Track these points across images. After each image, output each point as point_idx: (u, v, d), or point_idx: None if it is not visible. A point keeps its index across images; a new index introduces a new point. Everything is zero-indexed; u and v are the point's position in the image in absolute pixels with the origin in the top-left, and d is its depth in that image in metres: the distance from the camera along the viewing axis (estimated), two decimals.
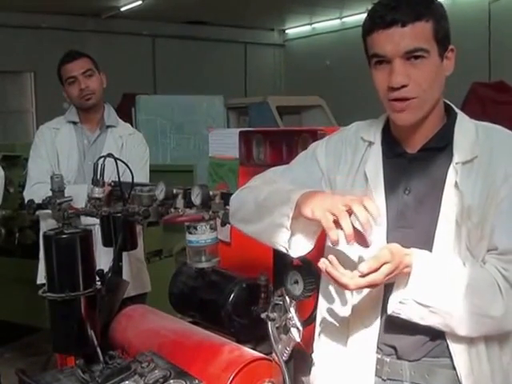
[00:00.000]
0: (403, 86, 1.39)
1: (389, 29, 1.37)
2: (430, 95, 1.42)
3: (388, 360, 1.47)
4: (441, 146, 1.47)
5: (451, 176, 1.43)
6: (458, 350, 1.42)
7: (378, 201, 1.47)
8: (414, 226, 1.46)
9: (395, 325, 1.45)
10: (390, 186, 1.49)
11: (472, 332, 1.39)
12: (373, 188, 1.49)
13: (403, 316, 1.39)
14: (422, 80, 1.39)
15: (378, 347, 1.48)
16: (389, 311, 1.40)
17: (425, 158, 1.48)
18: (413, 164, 1.49)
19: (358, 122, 1.66)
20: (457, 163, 1.43)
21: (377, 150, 1.54)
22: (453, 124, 1.49)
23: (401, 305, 1.37)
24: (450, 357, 1.42)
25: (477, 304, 1.36)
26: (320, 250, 1.54)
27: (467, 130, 1.47)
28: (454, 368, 1.42)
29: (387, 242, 1.44)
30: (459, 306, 1.36)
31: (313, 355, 1.65)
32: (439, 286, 1.37)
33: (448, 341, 1.42)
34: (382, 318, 1.47)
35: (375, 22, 1.40)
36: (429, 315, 1.37)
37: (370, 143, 1.56)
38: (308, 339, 1.66)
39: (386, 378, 1.48)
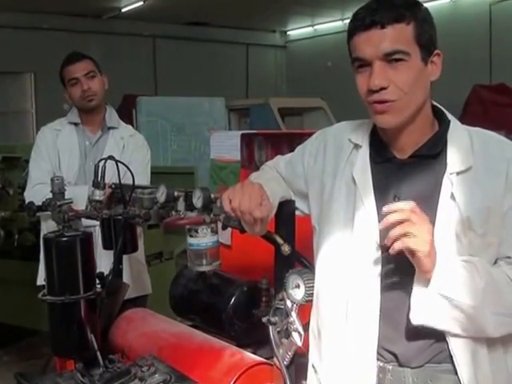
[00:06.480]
0: (382, 89, 1.37)
1: (368, 31, 1.37)
2: (411, 99, 1.39)
3: (390, 367, 1.45)
4: (433, 153, 1.45)
5: (446, 187, 1.40)
6: (459, 354, 1.40)
7: (368, 206, 1.46)
8: None
9: (395, 331, 1.43)
10: (380, 192, 1.47)
11: (495, 332, 1.38)
12: (362, 193, 1.47)
13: (430, 323, 1.36)
14: (402, 83, 1.37)
15: (379, 354, 1.46)
16: (412, 317, 1.37)
17: (416, 165, 1.45)
18: (403, 170, 1.46)
19: (346, 121, 1.65)
20: (451, 173, 1.40)
21: (364, 154, 1.52)
22: (445, 131, 1.46)
23: (425, 301, 1.34)
24: (452, 362, 1.41)
25: (500, 303, 1.36)
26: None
27: (461, 138, 1.45)
28: (457, 373, 1.40)
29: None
30: (483, 305, 1.34)
31: (309, 364, 1.62)
32: (463, 281, 1.34)
33: (449, 345, 1.40)
34: (380, 324, 1.44)
35: (356, 25, 1.40)
36: (453, 312, 1.34)
37: (357, 146, 1.54)
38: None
39: None
